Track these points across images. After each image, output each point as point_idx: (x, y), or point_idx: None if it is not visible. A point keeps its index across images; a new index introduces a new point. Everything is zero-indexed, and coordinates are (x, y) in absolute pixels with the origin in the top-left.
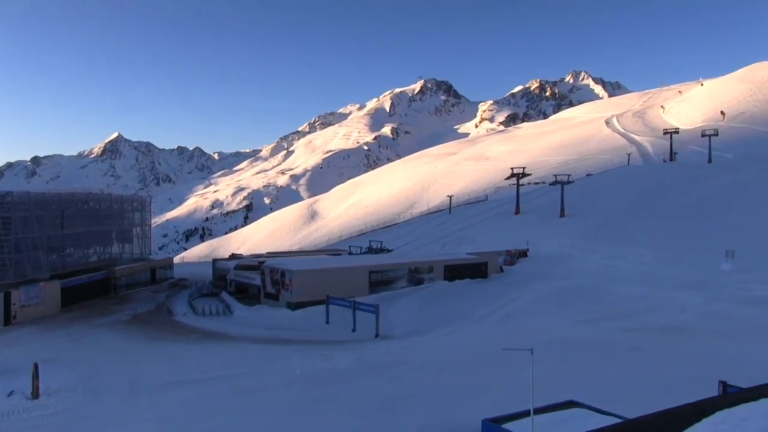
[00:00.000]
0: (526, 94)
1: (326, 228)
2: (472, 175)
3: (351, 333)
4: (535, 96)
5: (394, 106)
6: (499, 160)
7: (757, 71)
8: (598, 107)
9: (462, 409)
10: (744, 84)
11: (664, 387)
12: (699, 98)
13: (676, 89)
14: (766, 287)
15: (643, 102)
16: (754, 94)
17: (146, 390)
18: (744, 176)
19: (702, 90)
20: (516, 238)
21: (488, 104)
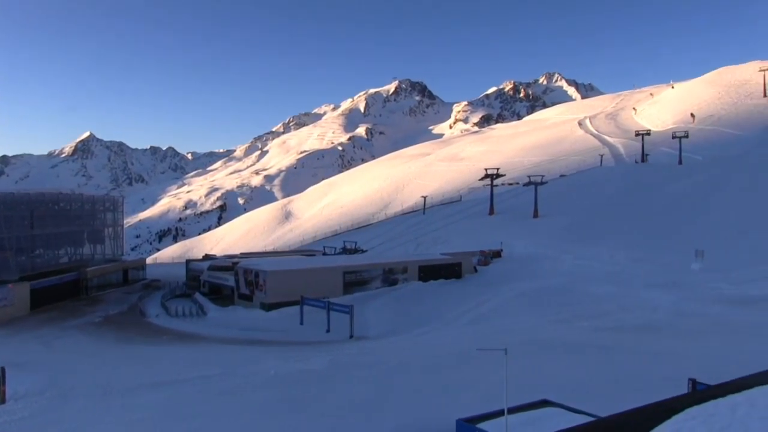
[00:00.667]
0: (500, 95)
1: (300, 228)
2: (447, 175)
3: (325, 334)
4: (509, 97)
5: (369, 106)
6: (473, 160)
7: (724, 75)
8: (572, 109)
9: (436, 409)
10: (712, 87)
11: (636, 385)
12: (670, 101)
13: (648, 92)
14: (734, 287)
15: (615, 104)
16: (722, 98)
17: (118, 393)
18: (713, 177)
19: (672, 93)
20: (490, 239)
21: (462, 105)
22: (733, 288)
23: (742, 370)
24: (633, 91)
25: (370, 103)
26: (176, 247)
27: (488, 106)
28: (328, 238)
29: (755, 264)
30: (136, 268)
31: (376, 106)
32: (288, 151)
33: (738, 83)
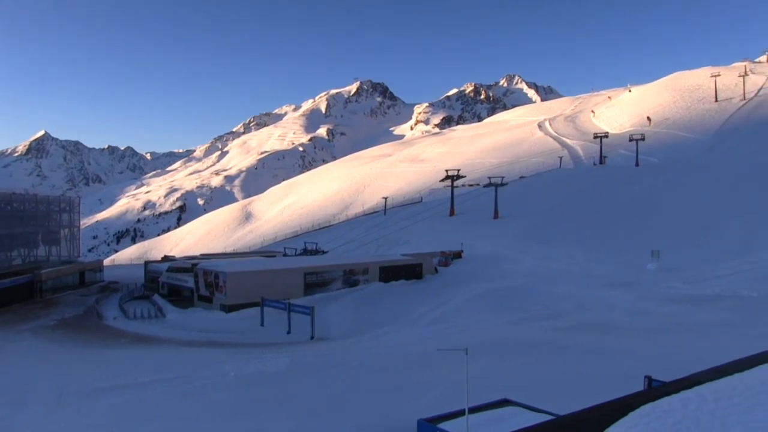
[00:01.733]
0: (461, 97)
1: (261, 229)
2: (407, 176)
3: (286, 335)
4: (469, 99)
5: (330, 107)
6: (433, 162)
7: (678, 80)
8: (532, 111)
9: (397, 410)
10: (667, 91)
11: (594, 383)
12: (627, 104)
13: (606, 95)
14: (688, 286)
15: (574, 107)
16: (676, 102)
17: (74, 397)
18: (668, 179)
19: (630, 96)
20: (450, 240)
21: (423, 107)
22: (687, 287)
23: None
24: (591, 94)
25: (332, 104)
26: (135, 248)
27: (449, 108)
28: (289, 239)
29: (708, 263)
30: (93, 270)
31: (337, 107)
32: (248, 152)
33: (691, 88)
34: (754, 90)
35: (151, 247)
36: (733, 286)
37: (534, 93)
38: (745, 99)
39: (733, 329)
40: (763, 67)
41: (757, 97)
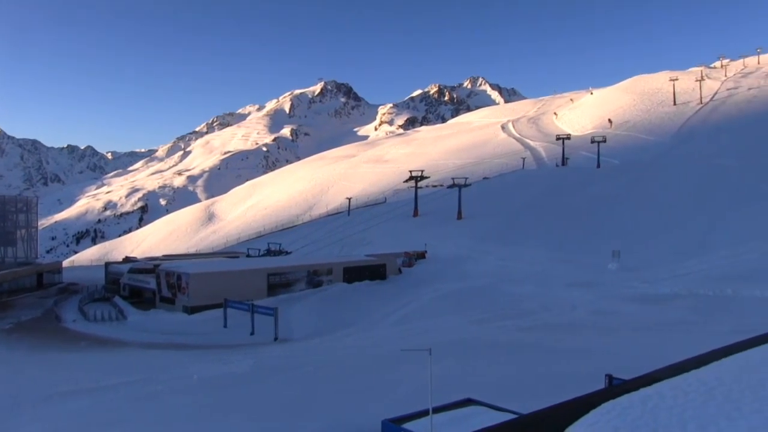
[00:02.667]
0: (425, 98)
1: (224, 230)
2: (371, 177)
3: (249, 336)
4: (433, 100)
5: (294, 107)
6: (397, 162)
7: (638, 83)
8: (495, 112)
9: (362, 410)
10: (628, 94)
11: (557, 382)
12: (589, 106)
13: (568, 97)
14: (647, 285)
15: (537, 108)
16: (636, 105)
17: (30, 402)
18: (628, 180)
19: (591, 99)
20: (414, 240)
21: (388, 107)
22: (646, 286)
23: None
24: (554, 97)
25: (296, 104)
26: (95, 249)
27: (413, 109)
28: (252, 239)
29: (666, 263)
30: (51, 272)
31: (301, 107)
32: (211, 152)
33: (651, 91)
34: (709, 94)
35: (112, 248)
36: (689, 286)
37: (497, 95)
38: (701, 103)
39: (690, 327)
40: (718, 73)
41: (712, 102)
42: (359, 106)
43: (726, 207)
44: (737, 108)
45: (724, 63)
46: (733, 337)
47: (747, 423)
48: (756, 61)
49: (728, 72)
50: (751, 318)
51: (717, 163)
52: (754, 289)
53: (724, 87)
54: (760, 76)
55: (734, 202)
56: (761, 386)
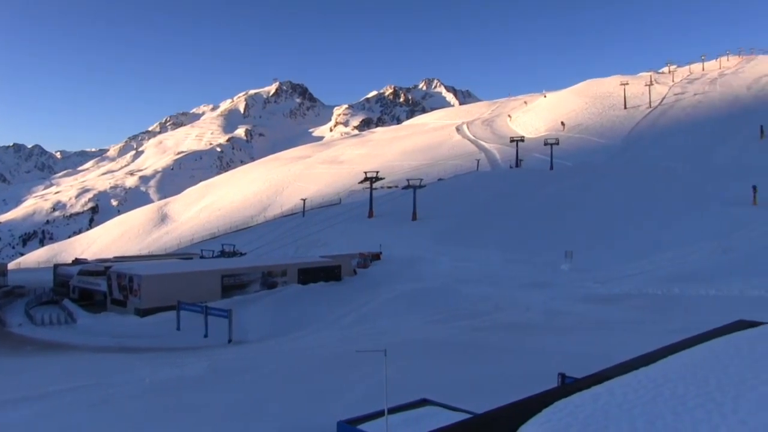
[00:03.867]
0: (381, 99)
1: (177, 231)
2: (326, 178)
3: (203, 339)
4: (389, 101)
5: (249, 107)
6: (353, 163)
7: (590, 87)
8: (450, 114)
9: (317, 412)
10: (580, 98)
11: (511, 381)
12: (542, 109)
13: (522, 100)
14: (599, 285)
15: (491, 111)
16: (588, 108)
17: None
18: (581, 182)
19: (545, 101)
20: (369, 241)
21: (343, 108)
22: (599, 286)
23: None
24: (508, 99)
25: (250, 104)
26: (43, 251)
27: (369, 110)
28: (206, 241)
29: (618, 263)
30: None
31: (256, 108)
32: (164, 152)
33: (603, 95)
34: (658, 99)
35: (60, 250)
36: (640, 285)
37: (452, 97)
38: (650, 107)
39: (640, 326)
40: (666, 78)
41: (661, 106)
42: (314, 106)
43: (674, 208)
44: (684, 112)
45: (671, 69)
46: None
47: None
48: (701, 68)
49: (675, 77)
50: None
51: (665, 166)
52: (700, 288)
53: (672, 92)
54: (705, 83)
55: (682, 204)
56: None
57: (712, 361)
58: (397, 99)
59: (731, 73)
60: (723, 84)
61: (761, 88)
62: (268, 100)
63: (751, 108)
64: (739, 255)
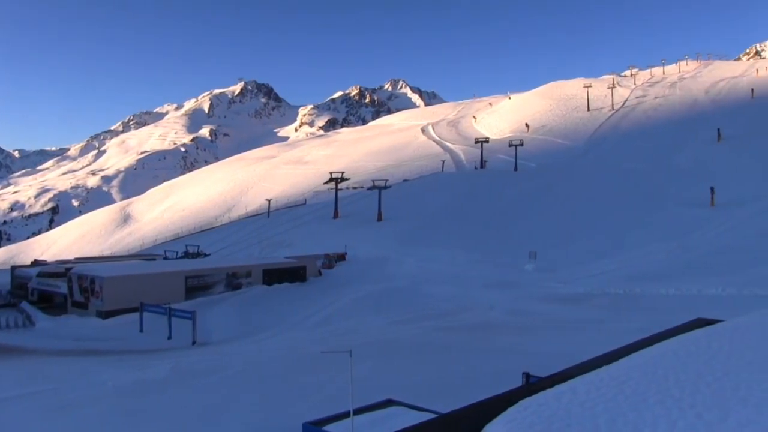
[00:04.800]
0: (346, 99)
1: (140, 232)
2: (291, 179)
3: (166, 341)
4: (354, 102)
5: (213, 107)
6: (318, 164)
7: (554, 89)
8: (415, 115)
9: (282, 414)
10: (544, 100)
11: (476, 381)
12: (507, 111)
13: (487, 101)
14: (562, 285)
15: (456, 112)
16: (552, 110)
17: None
18: (544, 183)
19: (509, 103)
20: (334, 242)
21: (308, 109)
22: (561, 286)
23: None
24: (473, 101)
25: (215, 104)
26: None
27: (334, 111)
28: (170, 241)
29: (581, 263)
30: None
31: (220, 107)
32: (127, 151)
33: (566, 97)
34: (620, 101)
35: (19, 251)
36: (602, 285)
37: (418, 98)
38: (613, 109)
39: (602, 325)
40: (628, 81)
41: (623, 109)
42: (280, 106)
43: (636, 209)
44: (645, 115)
45: (633, 72)
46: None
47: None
48: (661, 72)
49: (637, 81)
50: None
51: (627, 167)
52: (660, 287)
53: (634, 95)
54: (665, 86)
55: (643, 205)
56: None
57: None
58: (362, 99)
59: (690, 77)
60: (682, 88)
61: (718, 93)
62: (233, 99)
63: (709, 111)
64: (697, 255)
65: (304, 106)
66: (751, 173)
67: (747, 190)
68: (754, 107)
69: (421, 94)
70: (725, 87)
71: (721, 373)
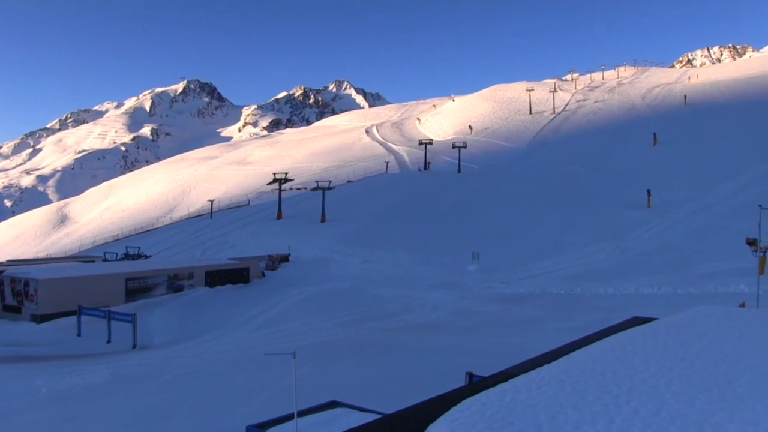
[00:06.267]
0: (290, 100)
1: (78, 233)
2: (235, 179)
3: (106, 345)
4: (298, 103)
5: (155, 106)
6: (261, 164)
7: (497, 92)
8: (359, 116)
9: (225, 417)
10: (487, 102)
11: (420, 381)
12: (450, 113)
13: (431, 103)
14: (505, 285)
15: (401, 114)
16: (495, 112)
17: None
18: (487, 185)
19: (453, 105)
20: (278, 243)
21: (252, 109)
22: (504, 287)
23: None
24: (417, 102)
25: (157, 103)
26: None
27: (278, 111)
28: (109, 243)
29: (523, 264)
30: None
31: (162, 106)
32: (65, 150)
33: (509, 100)
34: (561, 105)
35: None
36: (543, 285)
37: (362, 99)
38: (554, 113)
39: (544, 324)
40: (569, 85)
41: (564, 112)
42: (223, 106)
43: (576, 211)
44: (585, 118)
45: (574, 77)
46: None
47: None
48: (601, 77)
49: (578, 85)
50: (596, 314)
51: (568, 170)
52: (599, 287)
53: (574, 99)
54: (605, 90)
55: (583, 206)
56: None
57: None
58: (306, 100)
59: (628, 82)
60: (621, 93)
61: (654, 98)
62: (175, 98)
63: (645, 116)
64: (634, 255)
65: (247, 106)
66: (685, 176)
67: (681, 193)
68: (687, 113)
69: (365, 95)
70: (660, 93)
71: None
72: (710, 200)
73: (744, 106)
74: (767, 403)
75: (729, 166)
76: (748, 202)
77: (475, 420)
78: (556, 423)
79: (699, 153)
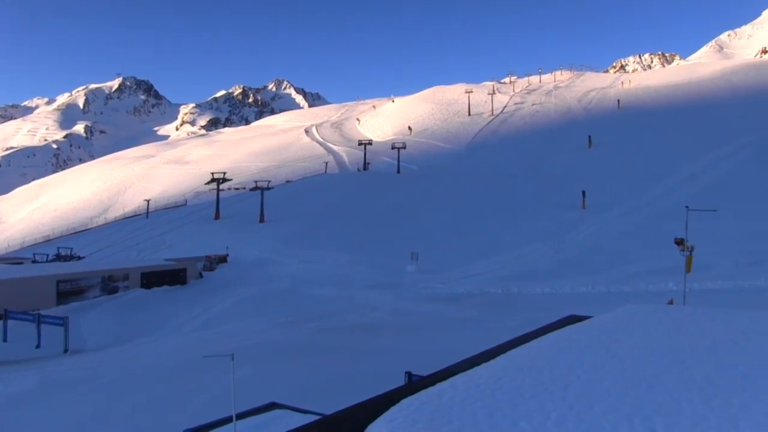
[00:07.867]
0: (229, 99)
1: (6, 234)
2: (172, 178)
3: (35, 350)
4: (237, 102)
5: (89, 102)
6: (199, 164)
7: (437, 93)
8: (299, 116)
9: (162, 422)
10: (427, 104)
11: (359, 382)
12: (390, 114)
13: (371, 104)
14: (443, 285)
15: (340, 114)
16: (434, 114)
17: None
18: (426, 186)
19: (393, 106)
20: (216, 244)
21: (190, 107)
22: (442, 287)
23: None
24: (357, 103)
25: (91, 100)
26: None
27: (216, 110)
28: (40, 244)
29: (461, 264)
30: None
31: (97, 103)
32: None
33: (448, 102)
34: (499, 107)
35: None
36: (481, 285)
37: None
38: (492, 115)
39: (482, 324)
40: (507, 88)
41: (502, 114)
42: (160, 104)
43: (514, 211)
44: (523, 121)
45: (512, 80)
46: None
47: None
48: (538, 80)
49: (516, 88)
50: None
51: (505, 172)
52: (536, 287)
53: (512, 101)
54: (542, 94)
55: (521, 207)
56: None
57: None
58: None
59: (564, 86)
60: (557, 96)
61: (589, 101)
62: (110, 95)
63: (581, 119)
64: (569, 255)
65: (185, 104)
66: (618, 178)
67: (614, 194)
68: (620, 117)
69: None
70: (595, 97)
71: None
72: (642, 201)
73: (673, 110)
74: (692, 395)
75: (659, 168)
76: (677, 203)
77: (414, 419)
78: (494, 420)
79: (631, 155)
